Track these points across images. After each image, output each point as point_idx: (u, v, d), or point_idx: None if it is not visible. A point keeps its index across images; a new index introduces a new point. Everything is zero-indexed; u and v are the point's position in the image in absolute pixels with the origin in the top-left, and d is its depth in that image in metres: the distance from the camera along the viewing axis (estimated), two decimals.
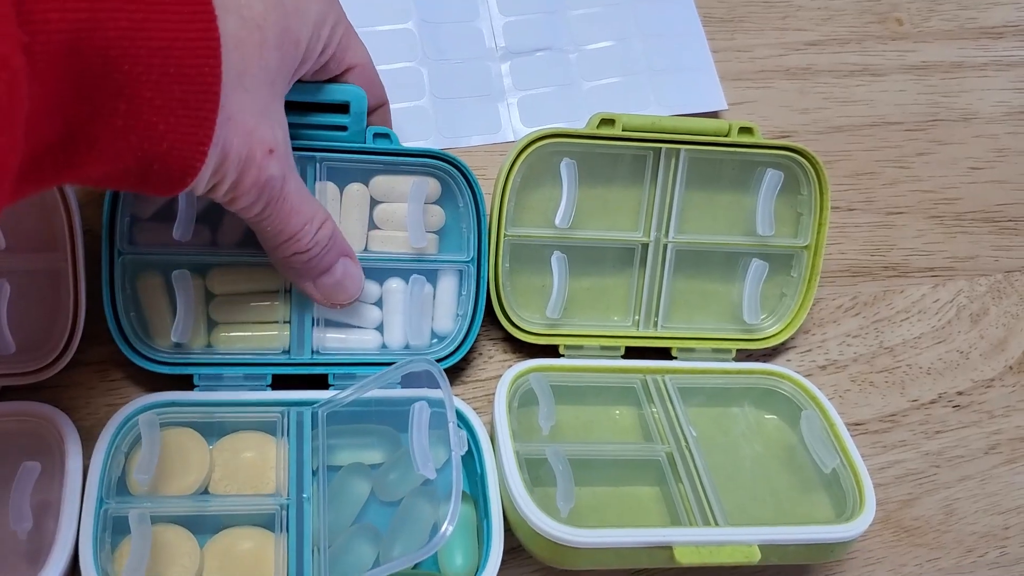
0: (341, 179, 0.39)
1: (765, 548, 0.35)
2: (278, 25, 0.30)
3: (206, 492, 0.36)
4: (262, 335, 0.38)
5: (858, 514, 0.37)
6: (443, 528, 0.31)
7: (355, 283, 0.37)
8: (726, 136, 0.41)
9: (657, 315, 0.43)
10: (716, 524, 0.36)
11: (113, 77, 0.24)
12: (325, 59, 0.34)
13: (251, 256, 0.38)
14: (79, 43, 0.23)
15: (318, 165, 0.38)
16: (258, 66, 0.29)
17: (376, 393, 0.38)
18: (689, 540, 0.34)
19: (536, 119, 0.46)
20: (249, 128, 0.29)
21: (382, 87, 0.39)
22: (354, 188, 0.39)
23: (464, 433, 0.36)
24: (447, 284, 0.40)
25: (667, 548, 0.34)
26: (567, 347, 0.42)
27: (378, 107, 0.39)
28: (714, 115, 0.47)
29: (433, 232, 0.40)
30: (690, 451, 0.38)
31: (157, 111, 0.25)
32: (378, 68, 0.45)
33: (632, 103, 0.46)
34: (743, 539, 0.35)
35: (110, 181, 0.27)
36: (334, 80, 0.36)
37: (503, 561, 0.38)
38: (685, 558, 0.34)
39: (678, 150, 0.41)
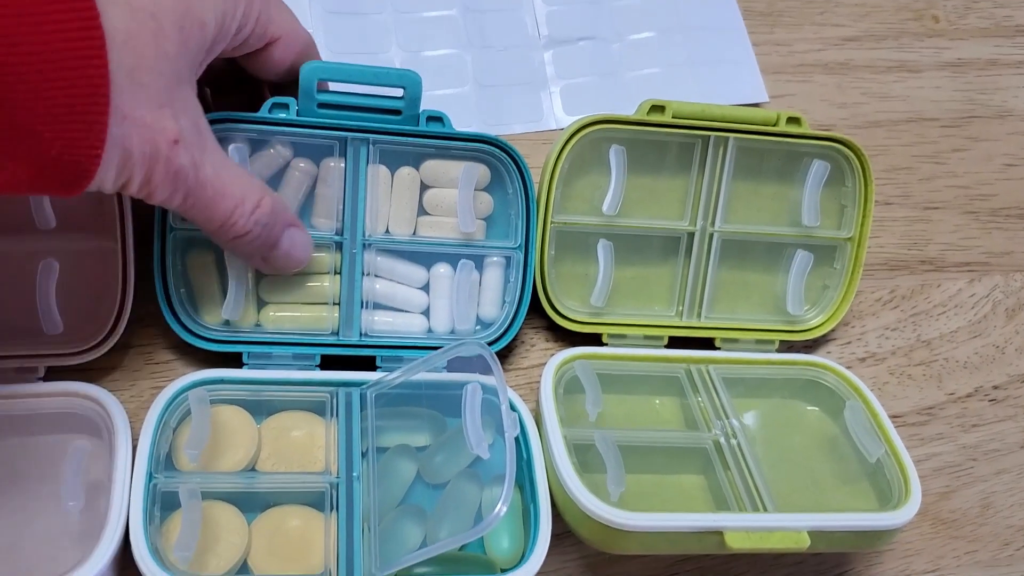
0: (393, 162, 0.39)
1: (814, 534, 0.35)
2: (176, 10, 0.29)
3: (253, 470, 0.36)
4: (311, 315, 0.38)
5: (904, 502, 0.37)
6: (497, 508, 0.31)
7: (303, 251, 0.36)
8: (774, 125, 0.41)
9: (701, 305, 0.43)
10: (765, 510, 0.36)
11: None
12: (243, 36, 0.33)
13: None
14: None
15: (371, 147, 0.38)
16: (155, 57, 0.28)
17: (424, 376, 0.38)
18: (740, 526, 0.34)
19: (578, 108, 0.46)
20: (148, 122, 0.28)
21: (314, 52, 0.37)
22: (405, 172, 0.39)
23: (515, 415, 0.36)
24: (494, 271, 0.40)
25: (718, 533, 0.34)
26: (610, 336, 0.42)
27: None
28: (755, 107, 0.47)
29: (481, 219, 0.40)
30: (736, 439, 0.38)
31: (40, 118, 0.25)
32: (423, 54, 0.45)
33: (673, 93, 0.46)
34: (793, 525, 0.35)
35: (5, 187, 0.27)
36: (257, 53, 0.35)
37: (549, 548, 0.38)
38: (736, 543, 0.34)
39: (727, 139, 0.41)
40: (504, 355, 0.42)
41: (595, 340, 0.42)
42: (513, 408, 0.38)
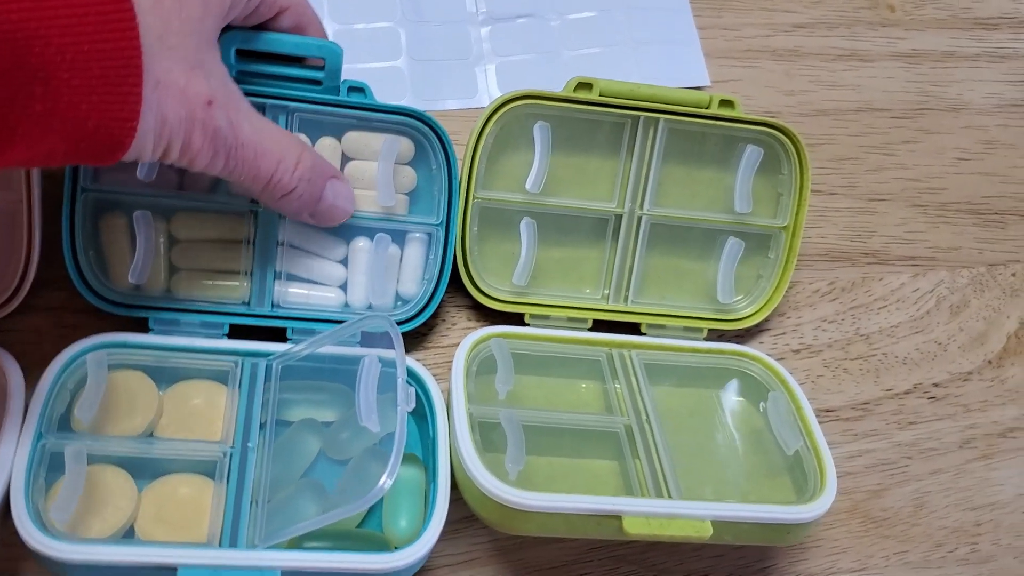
0: (314, 132, 0.38)
1: (718, 524, 0.34)
2: None
3: (152, 436, 0.35)
4: (223, 284, 0.38)
5: (817, 497, 0.36)
6: (381, 481, 0.30)
7: (348, 202, 0.36)
8: (706, 108, 0.40)
9: (628, 289, 0.42)
10: (670, 498, 0.35)
11: (25, 61, 0.24)
12: (256, 2, 0.33)
13: (218, 203, 0.37)
14: None
15: (290, 116, 0.37)
16: (179, 20, 0.28)
17: (333, 350, 0.37)
18: (639, 511, 0.33)
19: (513, 85, 0.44)
20: (181, 86, 0.28)
21: (318, 24, 0.38)
22: (326, 142, 0.38)
23: (413, 390, 0.35)
24: (415, 247, 0.40)
25: (616, 518, 0.33)
26: (533, 316, 0.41)
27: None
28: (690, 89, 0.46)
29: (404, 193, 0.39)
30: (650, 425, 0.38)
31: (76, 91, 0.25)
32: (355, 27, 0.45)
33: (613, 74, 0.44)
34: (695, 513, 0.34)
35: (39, 162, 0.27)
36: (267, 23, 0.35)
37: (456, 531, 0.38)
38: (634, 528, 0.33)
39: (657, 119, 0.40)
40: (424, 333, 0.41)
41: (519, 320, 0.41)
42: (420, 388, 0.37)
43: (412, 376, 0.37)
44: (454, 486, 0.35)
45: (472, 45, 0.45)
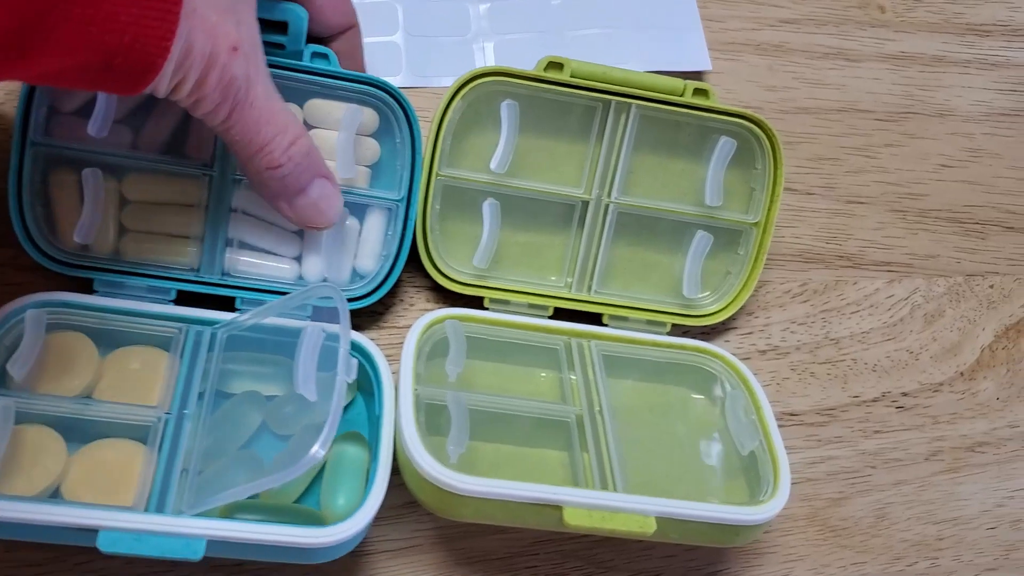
0: None
1: (663, 521, 0.33)
2: None
3: (88, 398, 0.34)
4: (172, 248, 0.37)
5: (769, 499, 0.34)
6: (312, 450, 0.29)
7: (332, 206, 0.35)
8: (680, 96, 0.39)
9: (592, 278, 0.41)
10: (615, 491, 0.34)
11: None
12: None
13: (172, 165, 0.36)
14: None
15: None
16: None
17: (281, 322, 0.36)
18: (581, 502, 0.32)
19: (511, 64, 0.44)
20: (212, 23, 0.28)
21: (351, 7, 0.37)
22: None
23: (356, 362, 0.34)
24: (375, 222, 0.39)
25: (557, 508, 0.32)
26: (492, 301, 0.40)
27: (347, 29, 0.38)
28: (698, 76, 0.45)
29: (366, 166, 0.39)
30: (602, 417, 0.36)
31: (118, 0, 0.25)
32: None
33: (613, 56, 0.44)
34: (639, 508, 0.33)
35: (67, 77, 0.26)
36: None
37: (399, 516, 0.37)
38: (575, 520, 0.32)
39: (629, 105, 0.39)
40: (380, 312, 0.40)
41: (478, 304, 0.40)
42: (370, 365, 0.36)
43: (363, 353, 0.36)
44: (397, 470, 0.34)
45: (471, 22, 0.44)
